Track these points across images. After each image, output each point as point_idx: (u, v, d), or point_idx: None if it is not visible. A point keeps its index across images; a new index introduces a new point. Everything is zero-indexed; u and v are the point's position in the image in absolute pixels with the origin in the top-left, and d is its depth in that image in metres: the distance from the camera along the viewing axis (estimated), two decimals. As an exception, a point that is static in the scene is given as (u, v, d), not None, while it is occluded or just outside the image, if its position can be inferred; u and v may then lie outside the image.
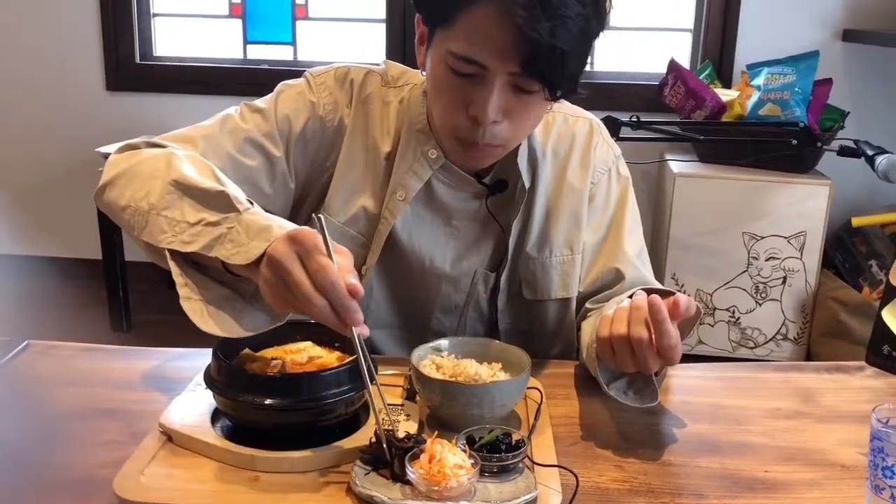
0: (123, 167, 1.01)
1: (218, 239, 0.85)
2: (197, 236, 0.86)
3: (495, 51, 0.91)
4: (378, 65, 1.17)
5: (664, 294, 0.94)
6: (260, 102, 1.12)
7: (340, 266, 0.78)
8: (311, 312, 0.78)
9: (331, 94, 1.12)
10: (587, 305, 1.16)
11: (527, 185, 1.12)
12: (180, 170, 0.94)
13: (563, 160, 1.15)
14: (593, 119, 1.20)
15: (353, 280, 0.78)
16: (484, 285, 1.16)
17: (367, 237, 1.13)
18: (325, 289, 0.76)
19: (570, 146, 1.16)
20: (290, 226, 0.83)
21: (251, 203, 0.89)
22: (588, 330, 1.07)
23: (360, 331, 0.80)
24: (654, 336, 0.88)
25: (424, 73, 1.03)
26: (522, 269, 1.15)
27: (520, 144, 1.09)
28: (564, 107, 1.18)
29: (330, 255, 0.78)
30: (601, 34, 0.97)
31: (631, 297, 0.96)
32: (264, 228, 0.83)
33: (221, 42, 3.00)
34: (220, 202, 0.88)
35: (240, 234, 0.84)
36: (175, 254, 0.88)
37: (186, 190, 0.91)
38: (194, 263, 0.89)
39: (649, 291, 0.96)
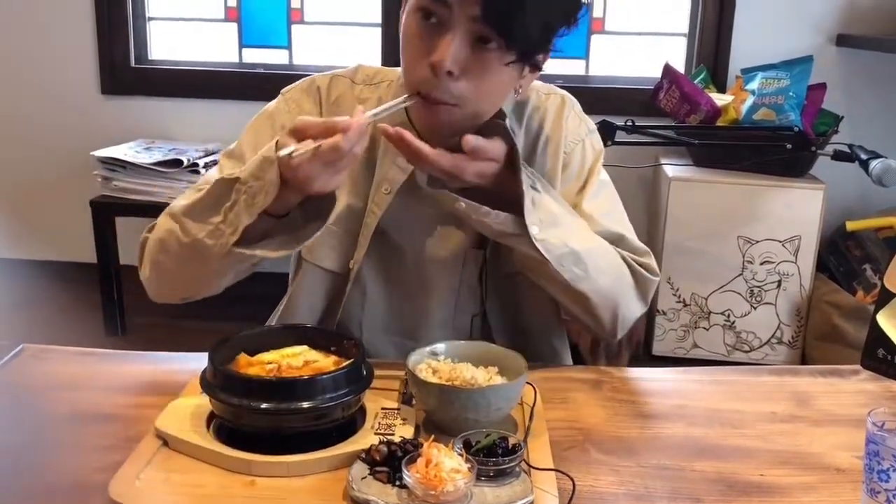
0: (154, 256, 1.10)
1: (248, 204, 0.95)
2: (234, 220, 0.97)
3: None
4: (344, 68, 1.19)
5: None
6: (234, 145, 1.16)
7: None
8: (335, 146, 0.89)
9: (299, 105, 1.15)
10: None
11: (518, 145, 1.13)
12: (181, 204, 1.04)
13: (534, 133, 1.17)
14: (566, 94, 1.21)
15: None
16: (474, 263, 1.17)
17: (354, 233, 1.14)
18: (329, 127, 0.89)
19: (542, 120, 1.17)
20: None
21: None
22: None
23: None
24: None
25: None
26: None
27: (505, 116, 1.08)
28: (538, 85, 1.19)
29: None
30: (569, 23, 0.98)
31: None
32: (261, 161, 0.94)
33: (217, 46, 3.00)
34: (220, 189, 0.98)
35: (252, 185, 0.94)
36: (241, 243, 0.97)
37: (194, 207, 1.02)
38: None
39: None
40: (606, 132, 2.24)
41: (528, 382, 0.97)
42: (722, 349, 2.59)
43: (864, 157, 2.22)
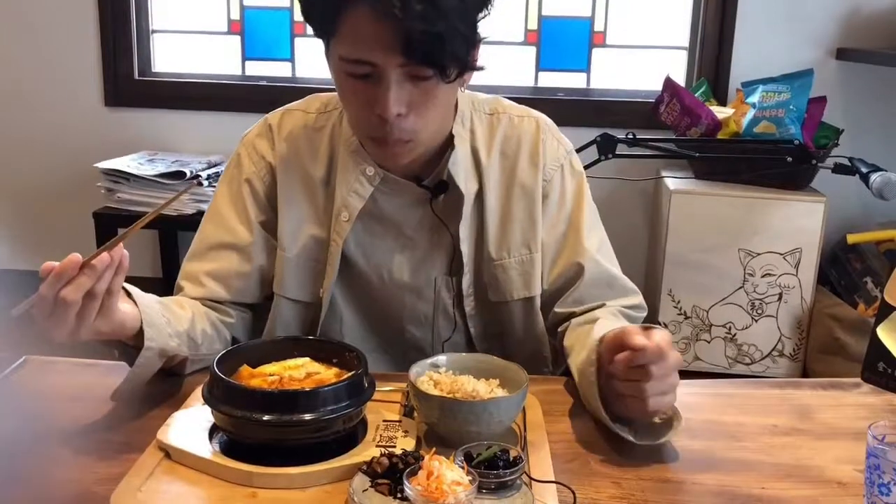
0: None
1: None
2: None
3: (378, 47, 0.94)
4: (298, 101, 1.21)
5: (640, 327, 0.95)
6: (212, 204, 1.19)
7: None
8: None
9: (255, 149, 1.17)
10: (556, 310, 1.17)
11: (473, 188, 1.13)
12: None
13: (512, 160, 1.16)
14: (540, 117, 1.20)
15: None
16: (447, 291, 1.17)
17: (322, 263, 1.15)
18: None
19: (518, 145, 1.16)
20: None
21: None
22: (579, 352, 1.06)
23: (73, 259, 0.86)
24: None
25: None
26: (485, 272, 1.16)
27: (453, 148, 1.10)
28: (511, 108, 1.18)
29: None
30: (487, 9, 0.98)
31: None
32: None
33: (220, 58, 3.02)
34: None
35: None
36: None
37: None
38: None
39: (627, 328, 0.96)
40: (607, 145, 2.25)
41: (529, 395, 0.97)
42: (723, 362, 2.59)
43: (864, 170, 2.23)
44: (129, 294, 0.98)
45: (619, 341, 0.92)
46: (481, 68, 1.01)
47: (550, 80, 2.91)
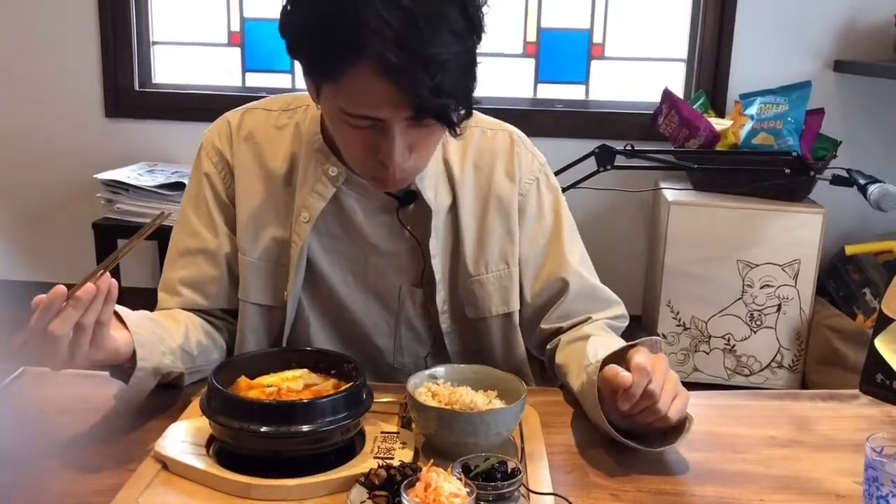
0: None
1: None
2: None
3: (385, 105, 0.90)
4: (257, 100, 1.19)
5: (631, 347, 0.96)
6: (181, 212, 1.18)
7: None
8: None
9: (213, 147, 1.16)
10: (543, 326, 1.16)
11: (446, 201, 1.11)
12: None
13: (486, 174, 1.14)
14: (513, 130, 1.18)
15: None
16: (412, 302, 1.15)
17: (284, 266, 1.12)
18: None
19: (493, 159, 1.14)
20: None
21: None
22: (578, 373, 1.05)
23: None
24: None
25: (319, 108, 1.03)
26: (462, 288, 1.14)
27: None
28: (481, 121, 1.17)
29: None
30: (482, 38, 0.95)
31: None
32: None
33: (220, 70, 3.03)
34: None
35: None
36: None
37: None
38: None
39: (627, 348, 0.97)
40: (606, 156, 2.26)
41: (527, 406, 0.97)
42: (722, 373, 2.59)
43: (862, 181, 2.23)
44: (120, 317, 0.97)
45: (610, 385, 0.92)
46: (478, 102, 0.99)
47: (549, 91, 2.92)
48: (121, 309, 0.98)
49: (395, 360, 1.18)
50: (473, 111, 1.15)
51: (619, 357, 0.96)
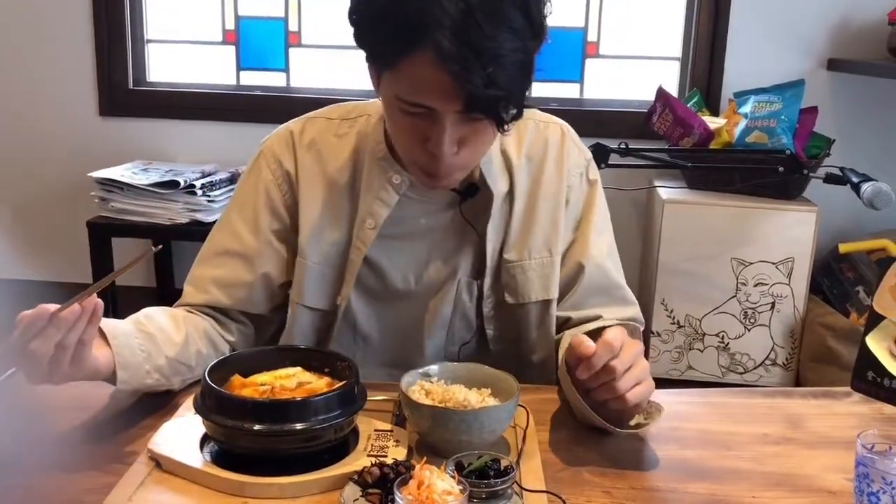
0: None
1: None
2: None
3: (437, 95, 0.93)
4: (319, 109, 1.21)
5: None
6: (226, 216, 1.19)
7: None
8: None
9: (274, 156, 1.17)
10: (557, 313, 1.18)
11: (503, 189, 1.14)
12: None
13: (538, 165, 1.17)
14: (563, 124, 1.22)
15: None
16: (468, 293, 1.17)
17: (340, 269, 1.15)
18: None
19: (545, 151, 1.18)
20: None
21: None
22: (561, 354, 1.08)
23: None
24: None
25: (379, 97, 1.05)
26: (504, 273, 1.16)
27: None
28: (535, 114, 1.20)
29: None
30: (542, 45, 0.97)
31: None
32: None
33: (215, 68, 3.02)
34: None
35: None
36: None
37: None
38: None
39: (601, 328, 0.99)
40: (600, 155, 2.26)
41: (520, 404, 0.98)
42: (716, 371, 2.59)
43: (855, 179, 2.24)
44: (105, 335, 0.97)
45: (574, 353, 0.93)
46: (529, 106, 1.01)
47: (543, 90, 2.93)
48: (109, 326, 0.98)
49: (448, 351, 1.19)
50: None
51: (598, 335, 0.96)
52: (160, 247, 0.84)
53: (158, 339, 1.04)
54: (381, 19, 0.94)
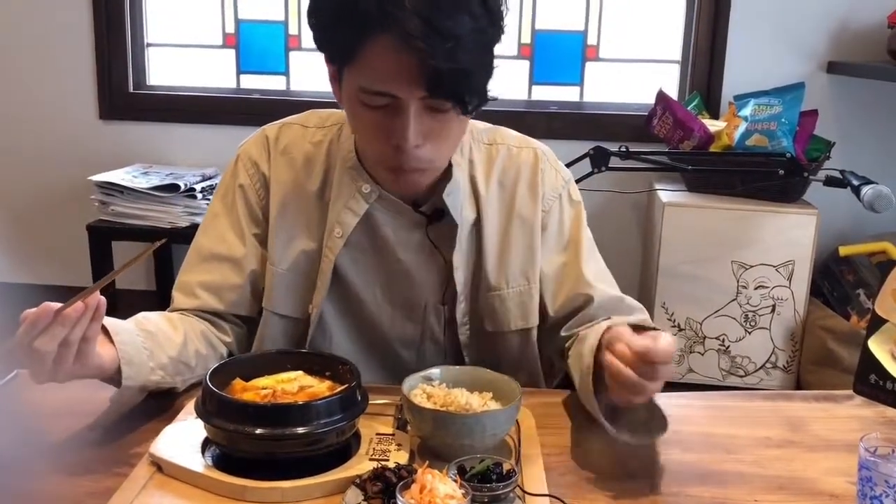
0: None
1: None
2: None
3: (401, 80, 0.93)
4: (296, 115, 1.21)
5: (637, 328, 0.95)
6: (207, 219, 1.19)
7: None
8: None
9: (251, 159, 1.17)
10: (563, 334, 1.17)
11: (470, 216, 1.13)
12: None
13: (510, 191, 1.16)
14: (538, 147, 1.20)
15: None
16: (436, 318, 1.16)
17: (311, 277, 1.15)
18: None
19: (516, 177, 1.16)
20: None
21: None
22: (575, 364, 1.07)
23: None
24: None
25: (341, 98, 1.05)
26: (482, 302, 1.16)
27: (450, 177, 1.09)
28: (508, 138, 1.19)
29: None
30: (501, 38, 0.98)
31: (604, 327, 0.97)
32: None
33: (215, 72, 3.02)
34: None
35: None
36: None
37: None
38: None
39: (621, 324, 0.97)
40: (600, 158, 2.26)
41: (522, 408, 0.98)
42: (717, 374, 2.59)
43: (855, 182, 2.24)
44: (108, 332, 0.97)
45: (638, 339, 0.90)
46: (495, 98, 1.01)
47: (544, 93, 2.93)
48: (111, 323, 0.98)
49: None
50: (502, 129, 1.16)
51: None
52: (164, 240, 0.85)
53: (160, 337, 1.04)
54: (341, 8, 0.95)
